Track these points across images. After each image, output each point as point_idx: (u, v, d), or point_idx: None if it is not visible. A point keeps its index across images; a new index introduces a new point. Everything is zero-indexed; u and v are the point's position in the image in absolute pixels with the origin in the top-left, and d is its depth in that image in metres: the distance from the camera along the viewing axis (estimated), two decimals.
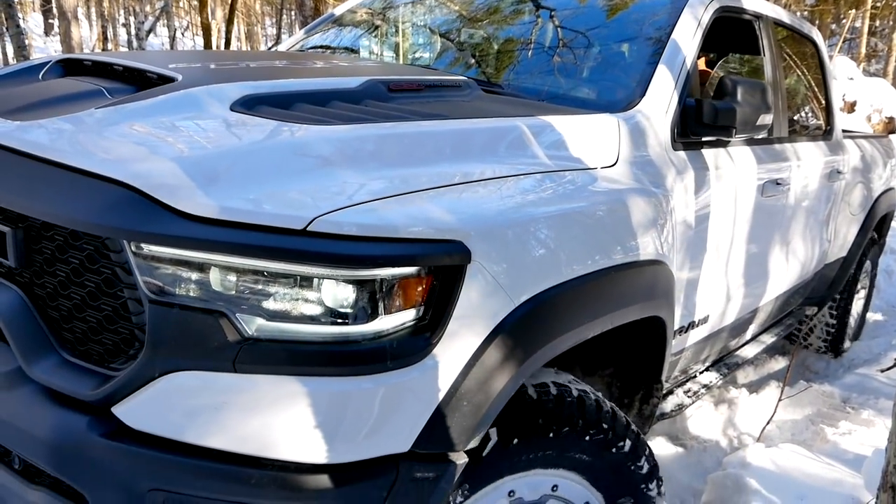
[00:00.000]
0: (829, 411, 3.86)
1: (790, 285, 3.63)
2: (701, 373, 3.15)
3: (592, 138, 2.06)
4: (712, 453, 3.34)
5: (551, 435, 1.76)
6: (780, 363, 4.56)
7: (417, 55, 3.09)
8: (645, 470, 1.97)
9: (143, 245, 1.40)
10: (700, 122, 2.40)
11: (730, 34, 3.21)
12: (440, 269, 1.47)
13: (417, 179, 1.58)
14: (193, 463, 1.41)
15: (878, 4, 22.53)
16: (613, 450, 1.89)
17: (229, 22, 16.18)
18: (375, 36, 3.37)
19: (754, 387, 4.15)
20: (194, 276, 1.41)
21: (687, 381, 3.03)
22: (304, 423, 1.40)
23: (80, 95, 1.83)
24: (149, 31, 17.57)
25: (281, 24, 23.13)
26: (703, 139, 2.48)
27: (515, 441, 1.71)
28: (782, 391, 3.70)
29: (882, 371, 4.38)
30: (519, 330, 1.56)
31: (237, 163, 1.51)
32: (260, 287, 1.41)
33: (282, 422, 1.40)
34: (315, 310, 1.41)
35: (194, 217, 1.39)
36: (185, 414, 1.42)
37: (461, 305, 1.48)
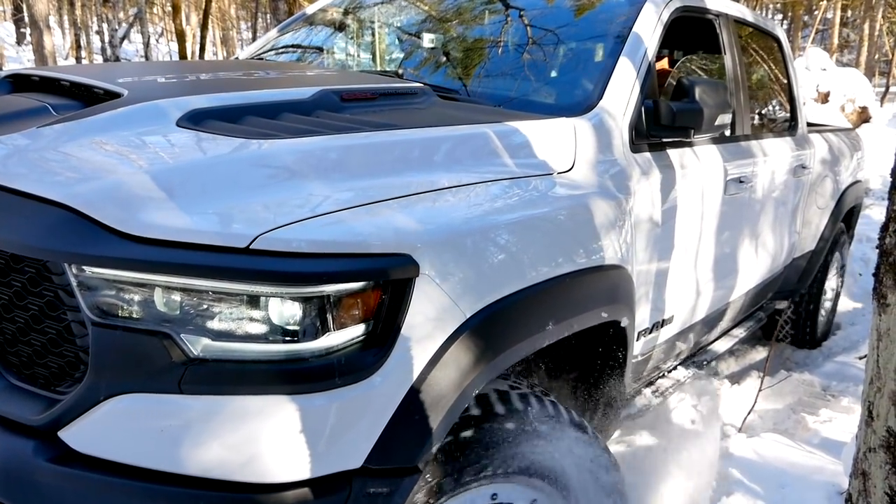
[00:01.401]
0: (810, 400, 3.92)
1: (759, 280, 3.65)
2: (673, 369, 3.16)
3: (547, 143, 2.06)
4: (695, 445, 3.34)
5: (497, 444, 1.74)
6: (760, 353, 4.59)
7: (376, 58, 3.08)
8: (602, 463, 1.98)
9: (84, 267, 1.38)
10: (658, 124, 2.40)
11: (690, 33, 3.23)
12: (389, 282, 1.46)
13: (365, 192, 1.57)
14: (141, 486, 1.39)
15: None
16: (566, 450, 1.89)
17: (203, 27, 16.09)
18: (339, 37, 3.36)
19: (735, 378, 4.19)
20: (137, 297, 1.39)
21: (657, 378, 3.04)
22: (253, 443, 1.39)
23: (24, 113, 1.80)
24: (122, 39, 17.44)
25: (256, 27, 23.03)
26: (663, 140, 2.48)
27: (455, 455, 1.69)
28: (762, 381, 3.73)
29: (860, 358, 4.41)
30: (471, 342, 1.56)
31: (180, 181, 1.49)
32: (204, 307, 1.39)
33: (230, 442, 1.39)
34: (261, 328, 1.40)
35: (136, 238, 1.37)
36: (132, 437, 1.40)
37: (411, 319, 1.48)
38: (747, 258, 3.36)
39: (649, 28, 2.59)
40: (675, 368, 3.17)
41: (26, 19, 19.04)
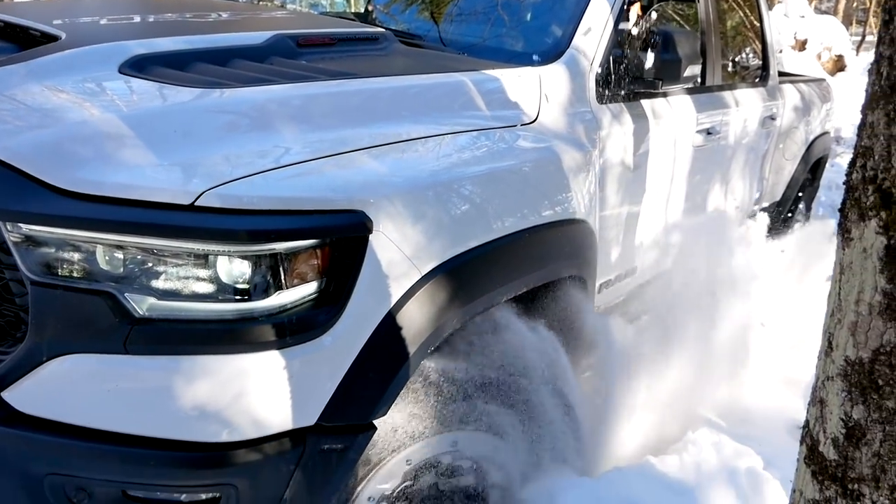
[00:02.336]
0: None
1: None
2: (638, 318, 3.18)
3: (511, 94, 2.01)
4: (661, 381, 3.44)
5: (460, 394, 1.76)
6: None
7: (340, 7, 2.97)
8: (560, 406, 2.01)
9: (19, 224, 1.32)
10: (627, 74, 2.35)
11: None
12: (342, 240, 1.43)
13: (318, 146, 1.52)
14: (90, 446, 1.38)
15: None
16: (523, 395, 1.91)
17: None
18: None
19: None
20: (77, 255, 1.34)
21: None
22: (203, 403, 1.37)
23: None
24: None
25: None
26: (632, 91, 2.44)
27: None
28: None
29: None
30: (426, 299, 1.53)
31: (121, 133, 1.42)
32: (149, 265, 1.35)
33: (179, 402, 1.37)
34: (209, 287, 1.37)
35: (74, 194, 1.32)
36: (77, 397, 1.38)
37: (364, 276, 1.45)
38: (715, 208, 3.36)
39: None
40: (639, 318, 3.19)
41: None
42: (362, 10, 2.87)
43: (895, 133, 0.95)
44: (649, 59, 2.31)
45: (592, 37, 2.32)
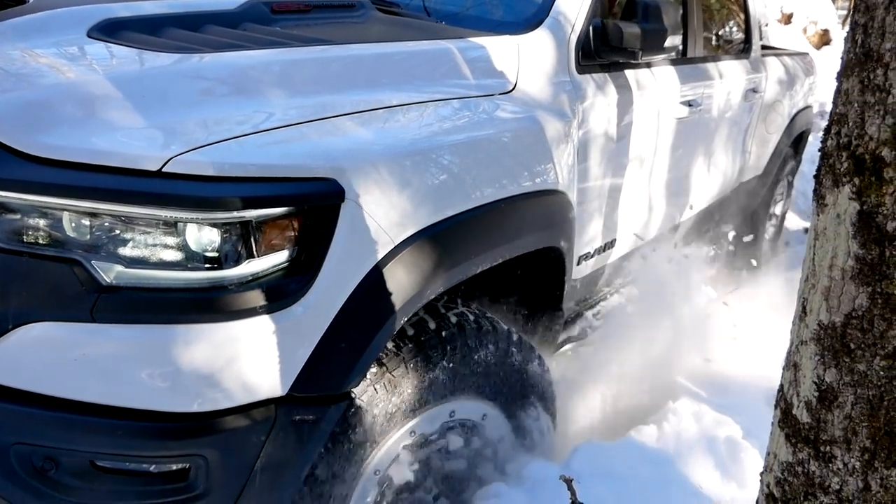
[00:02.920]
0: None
1: (707, 203, 3.67)
2: (622, 289, 3.19)
3: (489, 63, 1.98)
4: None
5: (441, 365, 1.76)
6: (711, 271, 4.71)
7: None
8: (537, 375, 2.03)
9: None
10: (606, 44, 2.33)
11: None
12: (314, 208, 1.41)
13: (290, 113, 1.49)
14: (57, 416, 1.36)
15: None
16: (503, 364, 1.92)
17: None
18: None
19: None
20: (44, 222, 1.32)
21: (600, 301, 3.07)
22: (173, 372, 1.35)
23: None
24: None
25: None
26: (611, 60, 2.41)
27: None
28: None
29: None
30: (400, 268, 1.52)
31: (90, 98, 1.39)
32: (117, 233, 1.32)
33: (148, 371, 1.35)
34: (178, 255, 1.34)
35: (39, 159, 1.29)
36: (44, 366, 1.35)
37: (336, 245, 1.43)
38: (695, 181, 3.36)
39: None
40: (619, 291, 3.20)
41: None
42: None
43: (869, 100, 0.95)
44: (630, 28, 2.28)
45: (573, 4, 2.29)
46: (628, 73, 2.53)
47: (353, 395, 1.58)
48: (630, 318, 3.17)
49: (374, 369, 1.64)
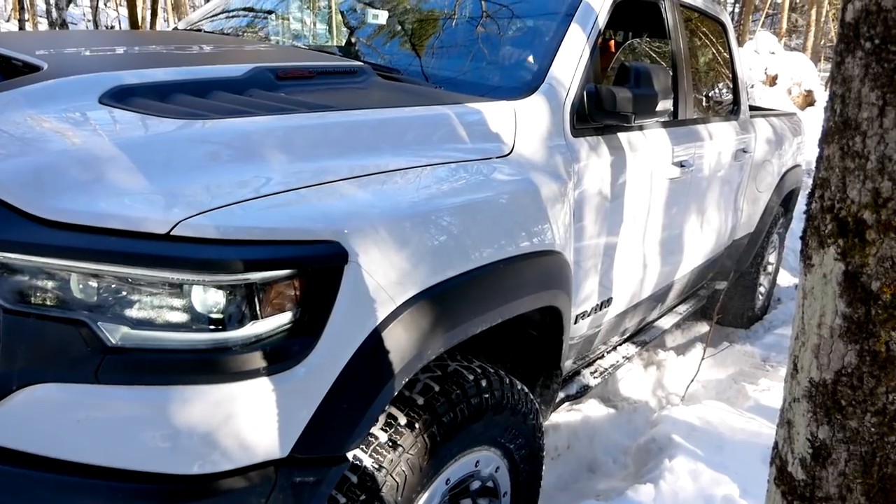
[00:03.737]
0: (750, 370, 4.09)
1: (701, 261, 3.72)
2: (613, 349, 3.21)
3: (487, 127, 2.05)
4: (641, 413, 3.50)
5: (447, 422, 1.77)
6: (705, 327, 4.74)
7: (321, 38, 3.02)
8: (534, 424, 2.05)
9: None
10: (601, 108, 2.40)
11: (635, 16, 3.23)
12: (317, 270, 1.44)
13: (295, 177, 1.53)
14: (57, 478, 1.35)
15: None
16: (509, 415, 1.94)
17: None
18: (292, 4, 3.28)
19: (680, 349, 4.33)
20: (51, 283, 1.34)
21: (597, 359, 3.08)
22: (175, 434, 1.36)
23: None
24: (69, 1, 16.75)
25: None
26: (605, 124, 2.49)
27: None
28: (705, 352, 3.86)
29: None
30: (401, 329, 1.54)
31: (100, 162, 1.43)
32: (123, 294, 1.35)
33: (151, 433, 1.36)
34: (183, 316, 1.37)
35: (50, 222, 1.32)
36: (47, 428, 1.36)
37: (339, 306, 1.46)
38: (689, 240, 3.42)
39: (594, 10, 2.58)
40: (615, 348, 3.22)
41: None
42: (343, 43, 2.91)
43: (849, 166, 0.99)
44: (623, 93, 2.36)
45: (567, 70, 2.38)
46: (621, 135, 2.60)
47: (353, 457, 1.58)
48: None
49: (376, 431, 1.65)
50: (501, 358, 2.22)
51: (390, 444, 1.65)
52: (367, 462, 1.62)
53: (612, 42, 3.67)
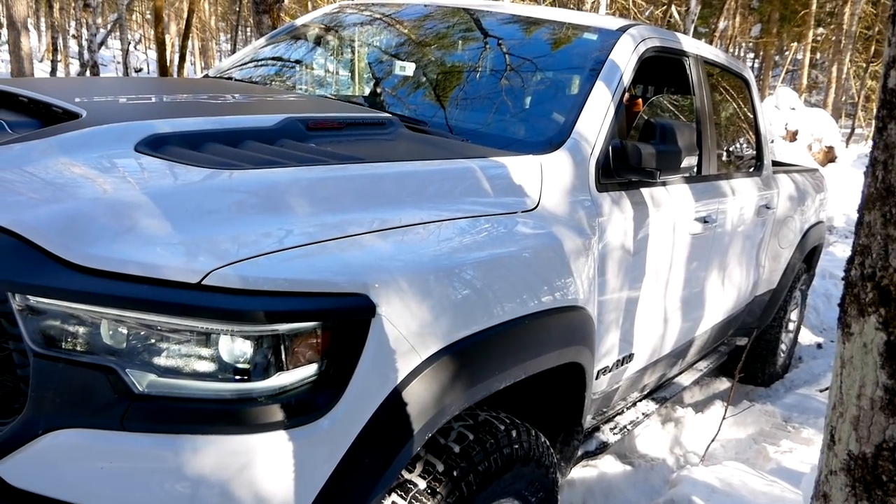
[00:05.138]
0: (772, 430, 3.98)
1: (722, 317, 3.69)
2: (633, 405, 3.17)
3: (513, 181, 2.06)
4: (659, 471, 3.41)
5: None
6: (724, 384, 4.66)
7: (354, 80, 3.08)
8: (554, 478, 2.04)
9: (28, 297, 1.34)
10: (625, 164, 2.41)
11: (660, 72, 3.27)
12: (343, 322, 1.44)
13: (324, 229, 1.55)
14: None
15: (819, 38, 23.39)
16: (534, 468, 1.94)
17: (184, 38, 16.00)
18: (321, 54, 3.35)
19: (700, 406, 4.24)
20: (82, 329, 1.35)
21: (616, 415, 3.04)
22: (196, 484, 1.35)
23: None
24: (101, 44, 17.27)
25: (236, 40, 22.91)
26: (629, 179, 2.50)
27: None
28: (726, 411, 3.77)
29: (821, 391, 4.49)
30: (425, 384, 1.53)
31: (134, 210, 1.45)
32: (152, 342, 1.36)
33: (172, 482, 1.35)
34: (210, 366, 1.37)
35: (83, 268, 1.34)
36: (70, 474, 1.35)
37: (365, 360, 1.45)
38: (711, 296, 3.39)
39: (620, 68, 2.61)
40: (634, 404, 3.18)
41: (3, 20, 18.74)
42: (369, 94, 2.96)
43: (892, 233, 0.98)
44: (648, 149, 2.38)
45: (593, 126, 2.40)
46: (645, 190, 2.61)
47: None
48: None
49: (415, 478, 1.66)
50: (522, 413, 2.19)
51: (429, 491, 1.64)
52: None
53: (639, 99, 3.70)
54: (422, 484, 1.64)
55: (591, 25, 2.85)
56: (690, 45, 3.27)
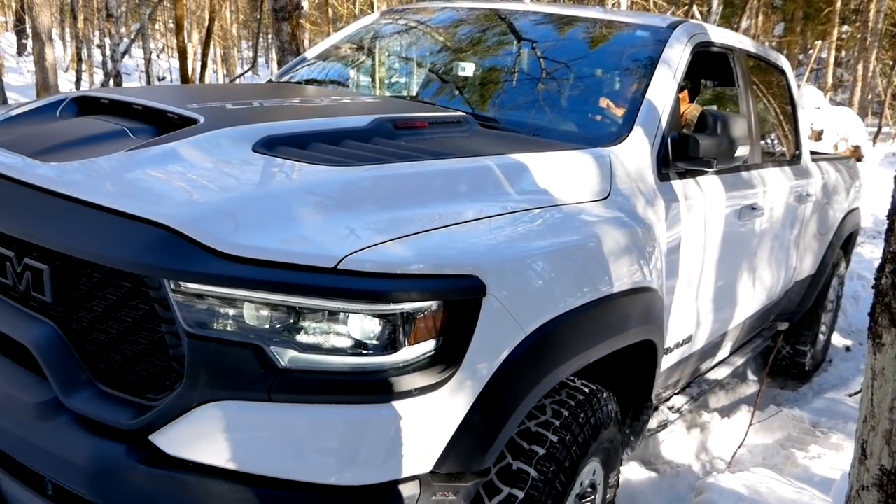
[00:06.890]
0: (799, 436, 3.90)
1: (766, 302, 3.80)
2: (678, 392, 3.27)
3: (588, 173, 2.20)
4: (685, 478, 3.37)
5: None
6: (751, 388, 4.61)
7: (417, 87, 3.22)
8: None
9: (181, 283, 1.50)
10: (683, 155, 2.55)
11: (706, 67, 3.39)
12: (458, 302, 1.59)
13: (439, 218, 1.70)
14: (227, 486, 1.50)
15: (844, 36, 23.12)
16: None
17: (205, 46, 16.23)
18: (371, 67, 3.49)
19: (726, 411, 4.18)
20: (231, 311, 1.51)
21: (671, 396, 3.16)
22: (334, 448, 1.51)
23: (104, 136, 1.92)
24: (124, 53, 17.54)
25: (257, 47, 23.18)
26: (685, 169, 2.63)
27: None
28: (753, 416, 3.75)
29: (850, 396, 4.42)
30: (530, 357, 1.68)
31: (267, 203, 1.61)
32: (293, 321, 1.51)
33: (313, 447, 1.51)
34: (344, 342, 1.52)
35: (230, 256, 1.49)
36: (221, 441, 1.51)
37: (477, 335, 1.60)
38: (758, 280, 3.51)
39: (674, 63, 2.74)
40: (689, 384, 3.29)
41: (28, 31, 19.10)
42: (435, 93, 3.10)
43: None
44: (706, 139, 2.51)
45: (654, 118, 2.53)
46: (701, 179, 2.74)
47: (489, 474, 1.71)
48: None
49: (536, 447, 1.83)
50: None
51: (549, 457, 1.83)
52: (533, 474, 1.79)
53: (685, 90, 3.82)
54: (541, 451, 1.83)
55: (645, 23, 2.99)
56: (734, 39, 3.39)
